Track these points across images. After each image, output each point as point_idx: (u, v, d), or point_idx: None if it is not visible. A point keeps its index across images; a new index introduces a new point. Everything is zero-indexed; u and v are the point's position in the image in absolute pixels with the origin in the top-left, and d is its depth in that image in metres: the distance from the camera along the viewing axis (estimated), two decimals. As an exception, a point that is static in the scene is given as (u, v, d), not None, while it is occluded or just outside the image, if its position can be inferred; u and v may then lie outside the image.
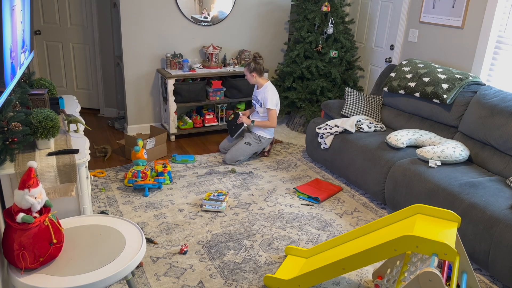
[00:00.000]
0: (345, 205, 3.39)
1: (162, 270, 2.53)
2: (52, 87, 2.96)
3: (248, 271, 2.56)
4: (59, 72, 5.10)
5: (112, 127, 4.87)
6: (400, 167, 3.11)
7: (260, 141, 3.99)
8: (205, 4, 4.55)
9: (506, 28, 3.44)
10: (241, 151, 3.96)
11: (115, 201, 3.26)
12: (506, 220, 2.42)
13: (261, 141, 4.00)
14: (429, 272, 1.74)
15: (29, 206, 1.67)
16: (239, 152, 3.96)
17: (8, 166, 2.05)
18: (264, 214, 3.19)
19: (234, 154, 3.95)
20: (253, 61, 3.93)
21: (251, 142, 3.97)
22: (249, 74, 3.95)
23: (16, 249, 1.64)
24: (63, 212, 2.26)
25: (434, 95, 3.46)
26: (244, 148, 3.96)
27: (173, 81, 4.32)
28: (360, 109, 3.96)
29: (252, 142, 3.97)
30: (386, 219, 2.34)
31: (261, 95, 3.97)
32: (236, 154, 3.95)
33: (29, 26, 2.72)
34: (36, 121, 2.18)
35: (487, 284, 2.56)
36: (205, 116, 4.71)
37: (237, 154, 3.95)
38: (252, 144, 3.96)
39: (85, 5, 4.79)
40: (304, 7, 4.67)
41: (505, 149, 3.00)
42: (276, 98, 3.94)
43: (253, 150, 3.99)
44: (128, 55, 4.39)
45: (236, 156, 3.94)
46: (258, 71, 3.94)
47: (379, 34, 4.69)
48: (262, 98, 3.95)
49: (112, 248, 1.82)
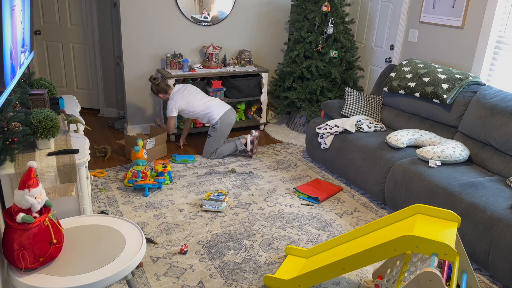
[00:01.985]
0: (345, 205, 3.39)
1: (162, 270, 2.53)
2: (52, 87, 2.96)
3: (248, 271, 2.56)
4: (59, 72, 5.10)
5: (112, 127, 4.87)
6: (400, 167, 3.11)
7: (214, 127, 4.03)
8: (205, 4, 4.55)
9: (506, 28, 3.44)
10: (208, 144, 4.10)
11: (115, 201, 3.26)
12: (506, 220, 2.42)
13: (215, 127, 4.02)
14: (429, 272, 1.74)
15: (29, 206, 1.67)
16: (207, 146, 4.11)
17: (8, 166, 2.05)
18: (264, 214, 3.19)
19: (204, 150, 4.13)
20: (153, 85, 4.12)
21: (210, 133, 4.08)
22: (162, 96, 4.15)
23: (16, 249, 1.64)
24: (63, 212, 2.27)
25: (434, 95, 3.46)
26: (209, 141, 4.10)
27: (173, 81, 4.31)
28: (360, 109, 3.96)
29: (210, 132, 4.08)
30: (386, 219, 2.34)
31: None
32: (206, 148, 4.11)
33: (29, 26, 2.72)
34: (36, 121, 2.18)
35: (487, 284, 2.56)
36: (205, 116, 4.71)
37: (206, 148, 4.11)
38: (211, 134, 4.07)
39: (85, 5, 4.79)
40: (304, 7, 4.67)
41: (505, 149, 3.00)
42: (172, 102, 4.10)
43: (215, 136, 4.05)
44: (128, 55, 4.39)
45: (207, 150, 4.10)
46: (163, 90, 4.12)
47: (379, 34, 4.69)
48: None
49: (112, 248, 1.82)
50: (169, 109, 4.05)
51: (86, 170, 2.39)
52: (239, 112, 4.97)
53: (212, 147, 4.08)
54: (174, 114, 4.08)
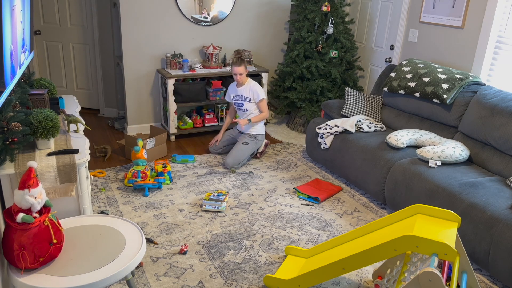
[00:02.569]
0: (345, 205, 3.39)
1: (162, 270, 2.53)
2: (52, 87, 2.96)
3: (248, 271, 2.56)
4: (59, 72, 5.10)
5: (112, 127, 4.87)
6: (400, 167, 3.11)
7: (256, 138, 4.00)
8: (205, 4, 4.55)
9: (506, 28, 3.44)
10: (241, 152, 3.92)
11: (115, 201, 3.26)
12: (506, 220, 2.42)
13: (256, 138, 4.00)
14: (429, 272, 1.74)
15: (29, 206, 1.67)
16: (240, 154, 3.91)
17: (8, 166, 2.04)
18: (264, 214, 3.19)
19: (235, 157, 3.88)
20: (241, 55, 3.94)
21: (247, 141, 3.96)
22: (245, 71, 3.93)
23: (16, 249, 1.64)
24: (63, 212, 2.26)
25: (434, 95, 3.46)
26: (244, 149, 3.93)
27: (173, 81, 4.32)
28: (360, 109, 3.96)
29: (248, 141, 3.97)
30: (386, 219, 2.34)
31: (246, 92, 4.00)
32: (238, 156, 3.89)
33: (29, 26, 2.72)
34: (36, 121, 2.18)
35: (487, 284, 2.56)
36: (205, 116, 4.71)
37: (238, 156, 3.89)
38: (249, 143, 3.96)
39: (85, 5, 4.79)
40: (304, 7, 4.67)
41: (505, 149, 3.00)
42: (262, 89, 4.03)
43: (252, 149, 3.98)
44: (128, 55, 4.39)
45: (238, 159, 3.88)
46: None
47: (379, 34, 4.69)
48: (250, 93, 3.98)
49: (112, 248, 1.82)
50: (261, 91, 3.97)
51: (86, 170, 2.39)
52: (239, 112, 4.98)
53: (245, 157, 3.95)
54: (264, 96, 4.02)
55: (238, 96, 4.05)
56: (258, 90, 3.95)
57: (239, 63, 3.85)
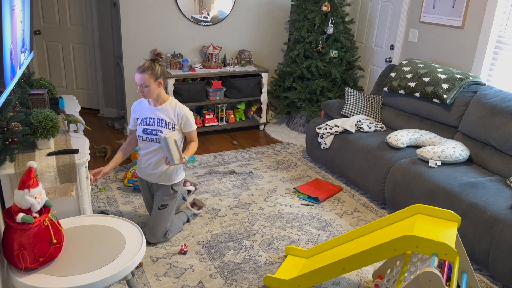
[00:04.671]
0: (345, 205, 3.39)
1: (162, 270, 2.53)
2: (52, 87, 2.96)
3: (248, 271, 2.56)
4: (59, 72, 5.09)
5: (112, 127, 4.86)
6: (400, 167, 3.11)
7: (175, 191, 2.75)
8: (205, 4, 4.55)
9: (506, 28, 3.44)
10: (162, 221, 2.72)
11: (115, 201, 3.26)
12: (506, 220, 2.42)
13: (176, 191, 2.76)
14: (429, 272, 1.74)
15: (29, 206, 1.67)
16: (161, 224, 2.72)
17: (8, 166, 2.04)
18: (264, 214, 3.19)
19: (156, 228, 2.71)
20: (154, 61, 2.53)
21: (166, 203, 2.72)
22: (154, 83, 2.51)
23: (16, 249, 1.64)
24: (63, 212, 2.26)
25: (434, 95, 3.45)
26: (164, 214, 2.71)
27: (173, 81, 4.31)
28: (360, 109, 3.96)
29: (167, 201, 2.72)
30: (386, 219, 2.34)
31: (168, 114, 2.61)
32: (159, 228, 2.71)
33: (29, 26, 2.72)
34: (36, 121, 2.18)
35: (487, 284, 2.56)
36: (205, 116, 4.71)
37: (159, 227, 2.71)
38: (168, 204, 2.73)
39: (85, 5, 4.79)
40: (304, 7, 4.67)
41: (505, 149, 3.00)
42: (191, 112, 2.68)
43: (172, 209, 2.76)
44: (128, 55, 4.39)
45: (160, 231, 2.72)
46: (164, 77, 2.59)
47: (379, 34, 4.69)
48: (175, 118, 2.61)
49: (112, 248, 1.81)
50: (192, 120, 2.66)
51: (86, 170, 2.39)
52: (239, 112, 4.97)
53: (167, 222, 2.74)
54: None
55: (152, 120, 2.61)
56: (189, 116, 2.62)
57: (141, 70, 2.48)
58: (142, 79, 2.48)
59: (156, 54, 2.52)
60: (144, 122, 2.63)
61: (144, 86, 2.50)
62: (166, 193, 2.71)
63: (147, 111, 2.64)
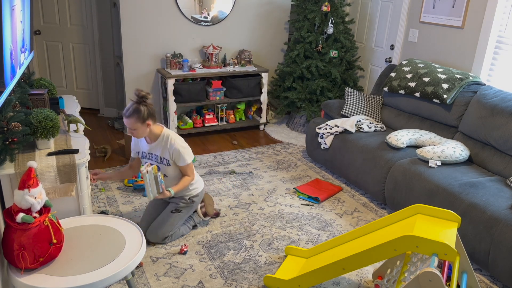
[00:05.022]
0: (345, 205, 3.39)
1: (162, 270, 2.53)
2: (52, 87, 2.96)
3: (248, 271, 2.56)
4: (59, 72, 5.09)
5: (112, 127, 4.87)
6: (400, 167, 3.11)
7: (193, 201, 2.83)
8: (205, 4, 4.55)
9: (506, 28, 3.44)
10: (170, 223, 2.76)
11: (115, 201, 3.26)
12: (506, 220, 2.41)
13: (193, 201, 2.84)
14: (429, 272, 1.74)
15: (29, 206, 1.67)
16: (167, 226, 2.75)
17: (8, 166, 2.04)
18: (264, 214, 3.19)
19: (161, 229, 2.73)
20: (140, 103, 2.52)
21: (180, 208, 2.79)
22: (142, 125, 2.53)
23: (16, 249, 1.64)
24: (63, 212, 2.26)
25: (434, 95, 3.45)
26: (174, 219, 2.77)
27: (173, 81, 4.31)
28: (360, 109, 3.96)
29: (181, 207, 2.80)
30: (386, 219, 2.34)
31: (162, 150, 2.66)
32: (165, 229, 2.74)
33: (29, 26, 2.72)
34: (36, 121, 2.18)
35: (487, 284, 2.56)
36: (205, 116, 4.71)
37: (165, 228, 2.74)
38: (182, 210, 2.80)
39: (85, 5, 4.79)
40: (304, 7, 4.67)
41: (505, 149, 3.00)
42: (187, 146, 2.71)
43: (184, 217, 2.83)
44: (128, 55, 4.39)
45: (164, 233, 2.74)
46: (152, 115, 2.58)
47: (379, 34, 4.69)
48: (167, 154, 2.66)
49: (112, 248, 1.81)
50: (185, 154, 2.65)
51: (86, 170, 2.39)
52: (239, 112, 4.97)
53: (175, 229, 2.79)
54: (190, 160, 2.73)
55: (150, 155, 2.73)
56: (181, 150, 2.63)
57: (127, 114, 2.50)
58: (129, 123, 2.51)
59: (140, 96, 2.52)
60: (144, 156, 2.77)
61: (133, 129, 2.55)
62: (182, 200, 2.80)
63: (144, 147, 2.74)
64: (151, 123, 2.58)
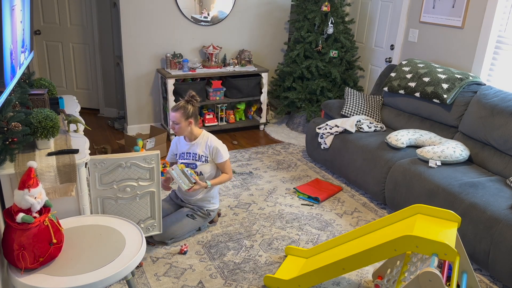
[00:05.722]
0: (345, 205, 3.39)
1: (162, 270, 2.53)
2: (52, 87, 2.96)
3: (248, 271, 2.56)
4: (59, 72, 5.09)
5: (112, 127, 4.87)
6: (400, 167, 3.11)
7: (209, 215, 2.94)
8: (205, 4, 4.55)
9: (506, 28, 3.44)
10: (182, 226, 2.81)
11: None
12: (506, 220, 2.41)
13: (210, 215, 2.95)
14: (429, 272, 1.74)
15: (29, 206, 1.67)
16: (179, 227, 2.80)
17: (8, 166, 2.04)
18: (264, 214, 3.19)
19: (171, 228, 2.77)
20: (189, 102, 2.77)
21: (196, 216, 2.87)
22: (184, 122, 2.75)
23: (16, 249, 1.64)
24: (63, 212, 2.26)
25: (434, 95, 3.45)
26: (187, 223, 2.84)
27: (173, 81, 4.31)
28: (360, 109, 3.96)
29: (197, 216, 2.88)
30: (386, 219, 2.34)
31: (201, 148, 2.83)
32: (175, 230, 2.78)
33: (29, 26, 2.72)
34: (36, 121, 2.18)
35: (487, 284, 2.56)
36: (205, 116, 4.71)
37: (175, 229, 2.79)
38: (197, 218, 2.88)
39: (85, 5, 4.79)
40: (304, 7, 4.67)
41: (505, 149, 3.00)
42: (224, 145, 2.90)
43: (197, 225, 2.90)
44: (128, 55, 4.39)
45: (172, 232, 2.77)
46: (195, 116, 2.81)
47: (379, 34, 4.69)
48: (207, 152, 2.83)
49: (112, 248, 1.81)
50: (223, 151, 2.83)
51: (86, 170, 2.39)
52: (239, 112, 4.97)
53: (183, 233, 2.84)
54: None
55: (188, 155, 2.86)
56: (220, 147, 2.82)
57: (175, 108, 2.75)
58: (175, 117, 2.74)
59: (191, 96, 2.77)
60: (182, 157, 2.90)
61: (175, 124, 2.76)
62: (201, 210, 2.91)
63: (184, 147, 2.89)
64: (193, 122, 2.79)
